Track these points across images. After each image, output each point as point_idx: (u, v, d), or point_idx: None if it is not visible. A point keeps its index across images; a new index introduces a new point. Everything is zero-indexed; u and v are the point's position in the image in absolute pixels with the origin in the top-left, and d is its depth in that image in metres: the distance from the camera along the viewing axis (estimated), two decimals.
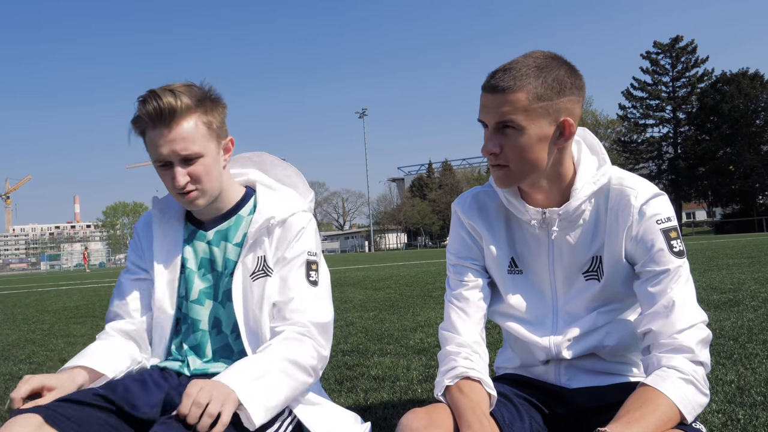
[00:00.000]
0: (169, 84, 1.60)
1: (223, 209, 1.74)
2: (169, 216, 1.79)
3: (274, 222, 1.68)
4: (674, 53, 57.89)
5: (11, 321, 8.11)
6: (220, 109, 1.66)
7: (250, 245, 1.68)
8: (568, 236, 1.47)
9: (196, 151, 1.58)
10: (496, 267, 1.55)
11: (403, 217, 79.93)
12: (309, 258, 1.70)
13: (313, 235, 1.74)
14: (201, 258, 1.75)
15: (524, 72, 1.32)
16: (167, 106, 1.54)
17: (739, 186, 53.06)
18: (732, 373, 2.76)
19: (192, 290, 1.74)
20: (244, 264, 1.68)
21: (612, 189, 1.43)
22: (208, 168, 1.62)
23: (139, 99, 1.58)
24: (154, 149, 1.58)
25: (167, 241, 1.76)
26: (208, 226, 1.76)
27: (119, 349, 1.68)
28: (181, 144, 1.56)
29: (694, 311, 1.33)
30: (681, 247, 1.39)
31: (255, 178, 1.84)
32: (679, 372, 1.27)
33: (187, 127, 1.57)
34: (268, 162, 1.91)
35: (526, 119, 1.32)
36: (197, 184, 1.62)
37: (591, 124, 60.28)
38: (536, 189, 1.46)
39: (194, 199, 1.63)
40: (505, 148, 1.36)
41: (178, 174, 1.58)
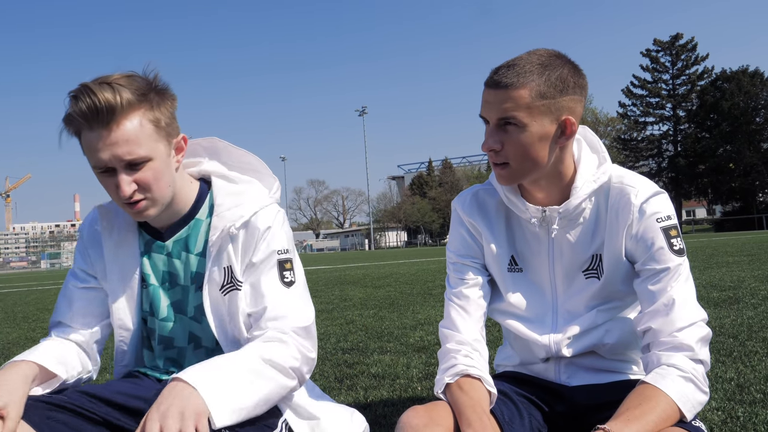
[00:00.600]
0: (106, 75, 1.39)
1: (180, 213, 1.56)
2: (119, 225, 1.59)
3: (234, 229, 1.50)
4: (674, 51, 57.90)
5: (12, 319, 8.12)
6: (168, 103, 1.45)
7: (213, 257, 1.51)
8: (568, 234, 1.47)
9: (143, 155, 1.37)
10: (496, 265, 1.55)
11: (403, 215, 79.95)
12: (280, 257, 1.52)
13: (282, 231, 1.56)
14: (162, 271, 1.58)
15: (528, 69, 1.31)
16: (104, 103, 1.32)
17: (739, 184, 53.09)
18: (732, 371, 2.76)
19: (159, 307, 1.58)
20: (211, 278, 1.51)
21: (612, 187, 1.43)
22: (157, 173, 1.42)
23: (70, 94, 1.36)
24: (92, 154, 1.36)
25: (121, 254, 1.58)
26: (165, 236, 1.57)
27: (72, 353, 1.53)
28: (124, 147, 1.35)
29: (694, 309, 1.34)
30: (681, 245, 1.39)
31: (209, 169, 1.62)
32: (678, 370, 1.27)
33: (130, 128, 1.35)
34: (221, 148, 1.67)
35: (528, 116, 1.32)
36: (146, 193, 1.41)
37: (591, 122, 60.25)
38: (537, 187, 1.46)
39: (143, 209, 1.43)
40: (506, 145, 1.36)
41: (123, 182, 1.37)
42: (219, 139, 1.67)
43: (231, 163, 1.66)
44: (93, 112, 1.32)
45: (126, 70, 1.41)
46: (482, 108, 1.38)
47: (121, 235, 1.58)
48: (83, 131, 1.36)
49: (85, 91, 1.33)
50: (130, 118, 1.36)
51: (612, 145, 58.88)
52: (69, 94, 1.36)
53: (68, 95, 1.36)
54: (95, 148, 1.35)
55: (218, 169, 1.63)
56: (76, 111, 1.34)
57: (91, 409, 1.40)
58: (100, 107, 1.32)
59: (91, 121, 1.34)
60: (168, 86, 1.46)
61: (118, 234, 1.58)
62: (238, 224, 1.51)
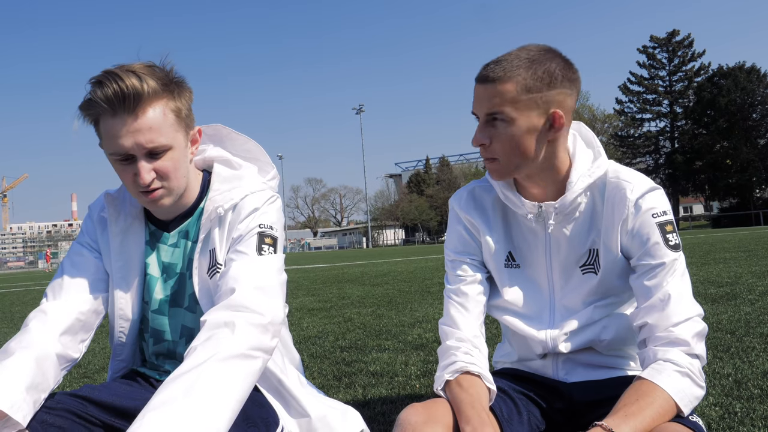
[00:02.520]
0: (128, 64, 1.38)
1: (186, 205, 1.56)
2: (126, 213, 1.58)
3: (222, 211, 1.49)
4: (671, 47, 57.98)
5: (9, 319, 8.10)
6: (186, 94, 1.46)
7: (202, 240, 1.50)
8: (564, 229, 1.47)
9: (164, 144, 1.38)
10: (493, 261, 1.56)
11: (400, 213, 79.94)
12: (263, 231, 1.46)
13: (270, 211, 1.51)
14: (163, 263, 1.58)
15: (515, 64, 1.33)
16: (132, 89, 1.32)
17: (736, 180, 53.18)
18: (729, 367, 2.77)
19: (153, 299, 1.57)
20: (199, 262, 1.50)
21: (608, 182, 1.44)
22: (176, 162, 1.42)
23: (92, 80, 1.35)
24: (113, 140, 1.35)
25: (127, 242, 1.56)
26: (171, 227, 1.57)
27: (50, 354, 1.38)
28: (147, 135, 1.35)
29: (689, 304, 1.34)
30: (677, 240, 1.39)
31: (213, 155, 1.63)
32: (674, 365, 1.27)
33: (153, 116, 1.36)
34: (225, 135, 1.67)
35: (514, 110, 1.33)
36: (164, 182, 1.42)
37: (588, 119, 60.31)
38: (531, 182, 1.46)
39: (159, 198, 1.43)
40: (494, 140, 1.37)
41: (143, 170, 1.37)
42: (223, 126, 1.67)
43: (233, 150, 1.66)
44: (119, 98, 1.32)
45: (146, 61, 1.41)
46: (473, 104, 1.39)
47: (128, 223, 1.57)
48: (104, 118, 1.35)
49: (112, 77, 1.32)
50: (154, 106, 1.36)
51: (609, 142, 58.96)
52: (91, 80, 1.35)
53: (90, 81, 1.35)
54: (117, 135, 1.34)
55: (221, 155, 1.63)
56: (100, 96, 1.32)
57: (87, 412, 1.38)
58: (126, 93, 1.32)
59: (115, 107, 1.33)
60: (185, 79, 1.47)
61: (125, 222, 1.57)
62: (226, 206, 1.50)
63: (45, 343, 1.40)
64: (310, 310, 6.58)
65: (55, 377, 1.39)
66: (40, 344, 1.39)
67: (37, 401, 1.31)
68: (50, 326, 1.44)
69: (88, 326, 1.52)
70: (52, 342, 1.42)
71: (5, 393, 1.25)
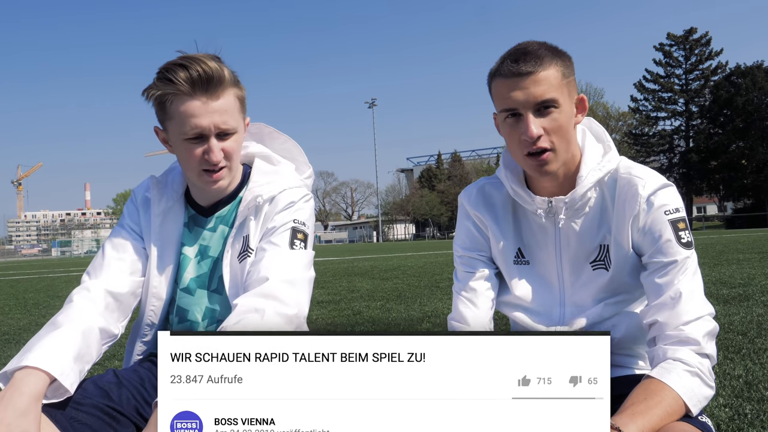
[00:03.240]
0: (196, 54, 1.48)
1: (227, 192, 1.64)
2: (168, 196, 1.65)
3: (261, 200, 1.58)
4: (688, 45, 57.28)
5: (23, 306, 8.20)
6: (242, 86, 1.57)
7: (237, 226, 1.59)
8: (574, 224, 1.46)
9: (234, 126, 1.50)
10: (502, 257, 1.55)
11: (411, 207, 79.90)
12: (296, 226, 1.56)
13: (304, 207, 1.61)
14: (199, 245, 1.65)
15: (543, 53, 1.33)
16: (216, 74, 1.44)
17: (751, 180, 52.58)
18: (740, 368, 2.75)
19: (182, 278, 1.64)
20: (232, 246, 1.59)
21: (620, 178, 1.43)
22: (238, 145, 1.55)
23: (172, 63, 1.45)
24: (189, 119, 1.45)
25: (167, 222, 1.64)
26: (208, 212, 1.65)
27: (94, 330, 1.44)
28: (223, 116, 1.47)
29: (700, 303, 1.33)
30: (689, 238, 1.38)
31: (255, 151, 1.72)
32: (684, 364, 1.26)
33: (229, 100, 1.49)
34: (266, 133, 1.77)
35: (561, 96, 1.34)
36: (228, 162, 1.52)
37: (602, 117, 59.87)
38: (545, 177, 1.45)
39: (221, 179, 1.53)
40: (547, 129, 1.34)
41: (215, 148, 1.48)
42: (265, 125, 1.77)
43: (273, 147, 1.75)
44: (204, 80, 1.43)
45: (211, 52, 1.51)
46: (508, 100, 1.34)
47: (169, 205, 1.65)
48: (179, 98, 1.45)
49: (194, 60, 1.43)
50: (228, 91, 1.49)
51: (623, 140, 58.49)
52: (171, 63, 1.45)
53: (170, 63, 1.45)
54: (194, 114, 1.44)
55: (262, 151, 1.72)
56: (182, 77, 1.42)
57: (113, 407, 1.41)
58: (210, 76, 1.43)
59: (197, 88, 1.44)
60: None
61: (166, 203, 1.65)
62: (265, 196, 1.58)
63: (89, 317, 1.46)
64: (320, 302, 6.60)
65: (98, 351, 1.45)
66: (85, 318, 1.45)
67: (82, 371, 1.37)
68: (93, 302, 1.50)
69: (126, 307, 1.58)
70: (95, 317, 1.48)
71: (56, 360, 1.30)
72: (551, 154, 1.35)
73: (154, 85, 1.46)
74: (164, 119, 1.50)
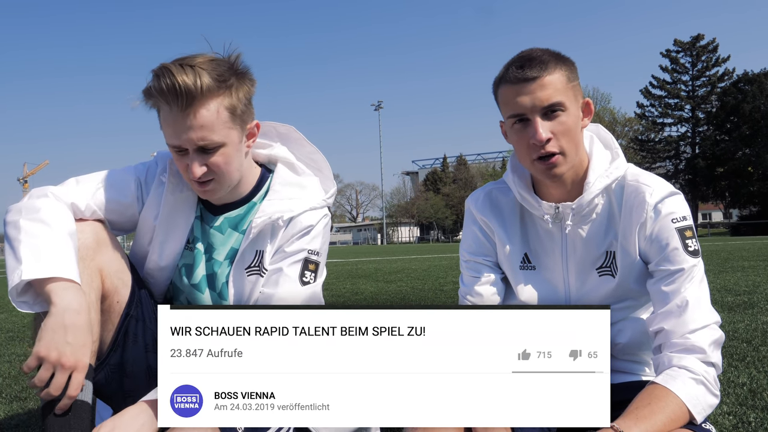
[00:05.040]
0: (191, 56, 1.40)
1: (238, 196, 1.60)
2: (184, 184, 1.60)
3: (282, 221, 1.54)
4: (695, 52, 57.11)
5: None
6: (246, 88, 1.46)
7: (252, 238, 1.55)
8: (581, 230, 1.47)
9: (216, 141, 1.40)
10: (508, 263, 1.56)
11: (416, 210, 79.83)
12: (309, 257, 1.55)
13: (321, 234, 1.59)
14: (207, 242, 1.62)
15: (547, 58, 1.35)
16: (183, 87, 1.33)
17: (758, 188, 52.32)
18: (744, 376, 2.74)
19: (195, 272, 1.61)
20: (242, 255, 1.56)
21: (627, 185, 1.43)
22: (228, 158, 1.44)
23: (155, 70, 1.38)
24: (168, 131, 1.41)
25: (176, 213, 1.60)
26: (218, 211, 1.62)
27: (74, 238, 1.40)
28: (198, 133, 1.37)
29: (707, 312, 1.33)
30: (696, 246, 1.38)
31: (278, 155, 1.65)
32: (689, 372, 1.26)
33: (206, 115, 1.37)
34: (294, 139, 1.69)
35: (567, 99, 1.35)
36: (215, 175, 1.45)
37: (608, 122, 59.74)
38: (552, 183, 1.45)
39: (210, 190, 1.48)
40: (555, 133, 1.35)
41: (194, 165, 1.41)
42: (296, 130, 1.70)
43: (299, 154, 1.68)
44: (172, 93, 1.34)
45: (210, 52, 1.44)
46: (516, 106, 1.35)
47: (183, 194, 1.61)
48: (162, 108, 1.40)
49: (166, 71, 1.35)
50: (207, 105, 1.38)
51: (629, 146, 58.28)
52: (152, 71, 1.39)
53: (155, 69, 1.38)
54: (171, 128, 1.39)
55: (287, 156, 1.65)
56: (156, 88, 1.36)
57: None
58: (179, 91, 1.34)
59: (169, 101, 1.36)
60: (248, 69, 1.47)
61: (181, 192, 1.61)
62: (285, 217, 1.54)
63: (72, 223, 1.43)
64: None
65: None
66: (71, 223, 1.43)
67: None
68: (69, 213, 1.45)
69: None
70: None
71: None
72: (560, 157, 1.36)
73: (146, 88, 1.41)
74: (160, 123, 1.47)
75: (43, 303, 1.28)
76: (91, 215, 1.51)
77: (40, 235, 1.32)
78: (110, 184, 1.56)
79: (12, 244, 1.32)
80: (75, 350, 1.23)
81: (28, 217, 1.36)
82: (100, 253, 1.44)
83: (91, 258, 1.42)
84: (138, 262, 1.64)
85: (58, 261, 1.29)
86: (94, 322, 1.37)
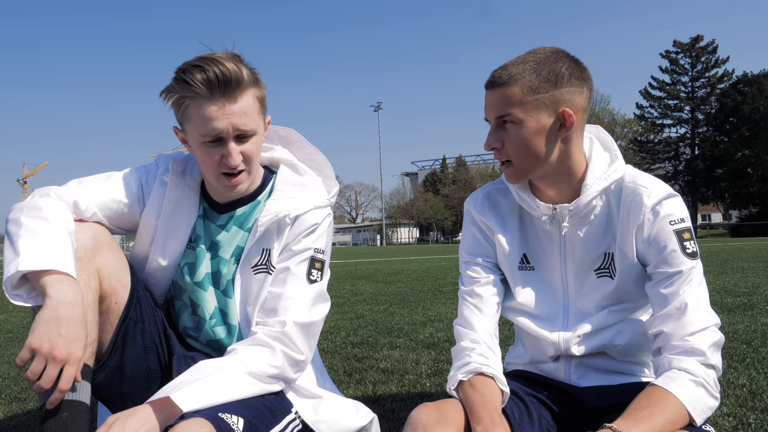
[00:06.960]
0: (216, 53, 1.46)
1: (244, 194, 1.61)
2: (185, 184, 1.63)
3: (288, 219, 1.56)
4: (694, 53, 57.21)
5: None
6: (263, 85, 1.54)
7: (258, 236, 1.57)
8: (579, 231, 1.47)
9: (253, 128, 1.47)
10: (507, 263, 1.56)
11: (415, 211, 79.88)
12: (315, 255, 1.58)
13: (326, 233, 1.62)
14: (210, 240, 1.63)
15: (521, 68, 1.35)
16: (234, 75, 1.40)
17: (757, 189, 52.37)
18: (744, 377, 2.74)
19: (198, 272, 1.62)
20: (249, 254, 1.58)
21: (625, 187, 1.43)
22: (258, 147, 1.51)
23: (189, 64, 1.42)
24: (207, 122, 1.42)
25: (178, 212, 1.61)
26: (222, 208, 1.64)
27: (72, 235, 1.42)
28: (242, 118, 1.44)
29: (706, 314, 1.33)
30: (694, 248, 1.38)
31: (280, 157, 1.68)
32: (689, 374, 1.26)
33: (248, 101, 1.45)
34: (295, 141, 1.73)
35: (522, 112, 1.35)
36: (247, 165, 1.50)
37: (608, 123, 59.81)
38: (546, 184, 1.46)
39: (240, 182, 1.51)
40: (506, 143, 1.39)
41: (234, 151, 1.45)
42: (296, 132, 1.74)
43: (300, 156, 1.72)
44: (221, 81, 1.40)
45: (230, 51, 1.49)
46: (484, 109, 1.42)
47: (185, 194, 1.63)
48: (197, 101, 1.42)
49: (212, 62, 1.40)
50: (247, 92, 1.45)
51: (628, 147, 58.37)
52: (187, 64, 1.42)
53: (185, 65, 1.42)
54: (212, 117, 1.42)
55: (289, 158, 1.69)
56: (198, 79, 1.39)
57: None
58: (228, 78, 1.40)
59: (215, 90, 1.41)
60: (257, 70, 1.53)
61: (183, 191, 1.63)
62: (292, 215, 1.56)
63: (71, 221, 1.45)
64: None
65: None
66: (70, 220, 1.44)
67: None
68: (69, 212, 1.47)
69: None
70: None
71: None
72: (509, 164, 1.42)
73: (171, 87, 1.45)
74: (183, 121, 1.50)
75: (37, 297, 1.28)
76: (91, 216, 1.53)
77: (39, 230, 1.34)
78: (112, 184, 1.59)
79: (11, 239, 1.33)
80: (68, 343, 1.22)
81: (29, 214, 1.38)
82: (98, 255, 1.45)
83: (89, 259, 1.42)
84: (139, 263, 1.65)
85: (55, 254, 1.29)
86: (92, 323, 1.38)
